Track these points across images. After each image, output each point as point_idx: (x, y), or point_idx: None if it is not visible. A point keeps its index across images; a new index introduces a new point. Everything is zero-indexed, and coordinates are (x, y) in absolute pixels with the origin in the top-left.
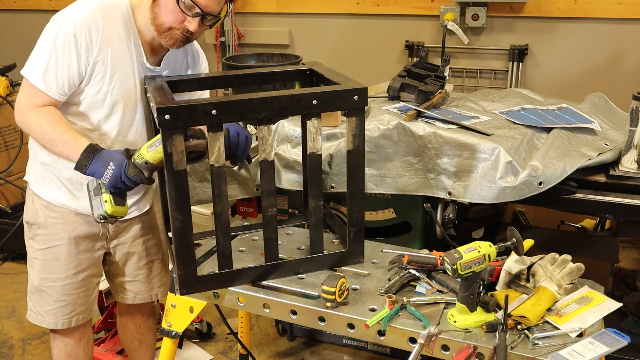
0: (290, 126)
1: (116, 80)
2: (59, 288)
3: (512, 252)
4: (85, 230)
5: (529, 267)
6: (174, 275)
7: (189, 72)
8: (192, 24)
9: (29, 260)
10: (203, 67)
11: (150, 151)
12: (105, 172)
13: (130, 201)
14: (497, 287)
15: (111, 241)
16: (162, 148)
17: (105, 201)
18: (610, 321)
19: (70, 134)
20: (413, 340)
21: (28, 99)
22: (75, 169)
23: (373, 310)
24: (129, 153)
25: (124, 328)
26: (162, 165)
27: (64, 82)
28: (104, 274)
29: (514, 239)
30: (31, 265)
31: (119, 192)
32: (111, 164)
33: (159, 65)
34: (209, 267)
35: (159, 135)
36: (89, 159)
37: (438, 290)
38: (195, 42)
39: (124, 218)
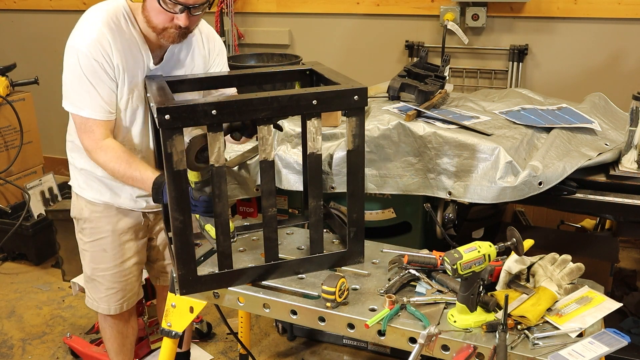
0: (290, 126)
1: (133, 87)
2: (109, 277)
3: (512, 252)
4: (128, 222)
5: (529, 267)
6: (174, 275)
7: (205, 60)
8: (181, 20)
9: (80, 252)
10: (217, 48)
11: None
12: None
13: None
14: (497, 287)
15: (153, 228)
16: (193, 175)
17: (209, 231)
18: (610, 321)
19: (135, 168)
20: (413, 340)
21: (88, 135)
22: (154, 201)
23: (373, 310)
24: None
25: (160, 310)
26: (207, 176)
27: (108, 103)
28: None
29: (514, 239)
30: (83, 257)
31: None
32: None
33: (162, 59)
34: (209, 267)
35: None
36: (160, 194)
37: (438, 290)
38: (203, 28)
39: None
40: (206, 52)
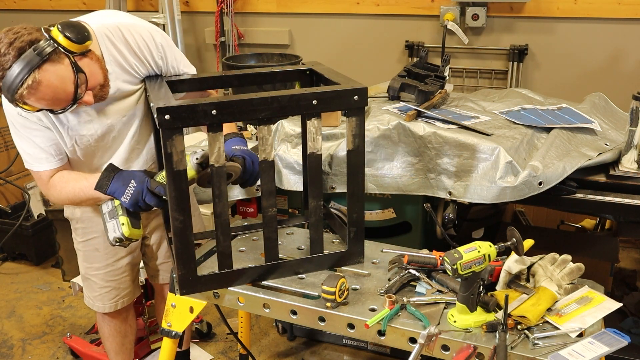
0: (290, 126)
1: (80, 130)
2: (101, 276)
3: (512, 252)
4: None
5: (529, 267)
6: (174, 275)
7: (148, 68)
8: (87, 99)
9: (76, 250)
10: (153, 44)
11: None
12: (127, 190)
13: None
14: (497, 287)
15: (147, 227)
16: (192, 171)
17: (123, 224)
18: (610, 321)
19: (82, 178)
20: (413, 340)
21: (40, 183)
22: (96, 188)
23: (373, 310)
24: (149, 174)
25: (159, 310)
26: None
27: (52, 150)
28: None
29: (514, 239)
30: (78, 256)
31: (135, 215)
32: (132, 181)
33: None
34: (209, 267)
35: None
36: (110, 178)
37: (438, 290)
38: (132, 39)
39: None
40: (145, 63)
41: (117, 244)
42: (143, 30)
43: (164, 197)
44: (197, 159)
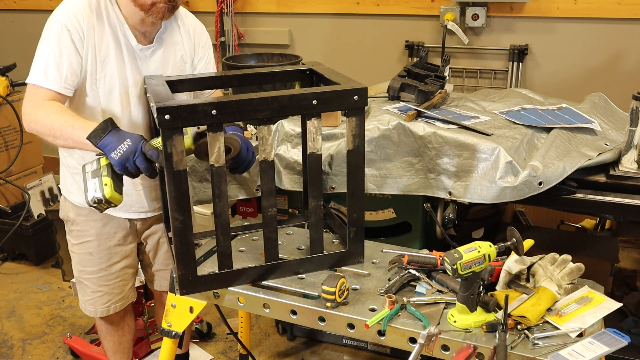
0: (290, 126)
1: (107, 67)
2: (94, 280)
3: (512, 252)
4: (113, 227)
5: (529, 267)
6: (174, 275)
7: (186, 47)
8: None
9: (70, 253)
10: (203, 40)
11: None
12: (119, 147)
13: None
14: (497, 287)
15: (142, 233)
16: (190, 140)
17: (106, 184)
18: (610, 321)
19: (79, 118)
20: (413, 340)
21: (31, 99)
22: (88, 137)
23: (373, 310)
24: (145, 139)
25: (158, 315)
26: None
27: (67, 74)
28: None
29: (514, 239)
30: (72, 259)
31: (119, 178)
32: (128, 140)
33: (151, 43)
34: (209, 267)
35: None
36: (105, 131)
37: (438, 290)
38: (187, 17)
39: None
40: (192, 41)
41: (95, 204)
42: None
43: (155, 163)
44: (198, 128)
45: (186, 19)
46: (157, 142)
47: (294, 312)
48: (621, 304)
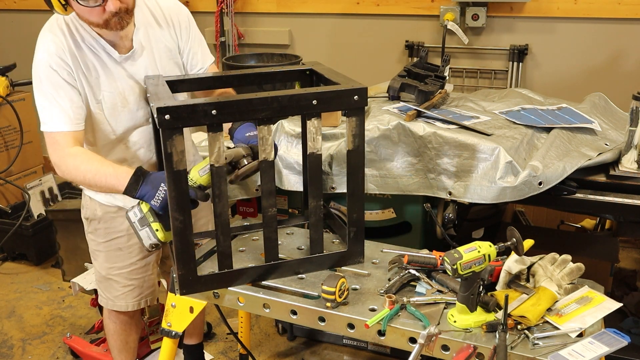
0: (290, 126)
1: (102, 87)
2: (125, 274)
3: (512, 252)
4: None
5: (529, 267)
6: (174, 275)
7: (166, 35)
8: (110, 5)
9: (91, 252)
10: (183, 20)
11: (203, 175)
12: (157, 194)
13: None
14: (497, 287)
15: None
16: (207, 177)
17: (157, 230)
18: (610, 321)
19: (109, 164)
20: (413, 340)
21: (54, 147)
22: (125, 193)
23: (373, 310)
24: None
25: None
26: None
27: (72, 111)
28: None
29: (514, 239)
30: (95, 258)
31: (165, 217)
32: (162, 185)
33: (132, 48)
34: (209, 267)
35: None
36: (139, 182)
37: (438, 290)
38: (157, 3)
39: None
40: (171, 26)
41: (153, 249)
42: (185, 14)
43: (195, 198)
44: (225, 158)
45: (157, 6)
46: (190, 178)
47: (294, 312)
48: (621, 304)
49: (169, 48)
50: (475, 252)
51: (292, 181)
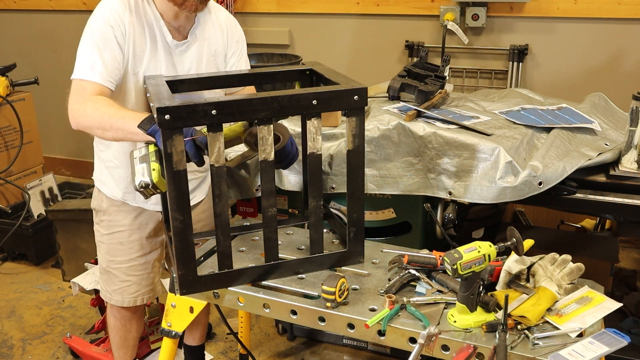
0: (290, 126)
1: (143, 64)
2: (124, 269)
3: (512, 252)
4: (145, 219)
5: (529, 267)
6: (174, 275)
7: (219, 41)
8: None
9: (97, 243)
10: (237, 35)
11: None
12: None
13: (191, 186)
14: (497, 287)
15: None
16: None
17: (154, 169)
18: (610, 321)
19: (128, 110)
20: (413, 340)
21: (79, 94)
22: (138, 126)
23: (373, 310)
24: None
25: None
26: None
27: (112, 68)
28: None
29: (514, 239)
30: (99, 249)
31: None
32: None
33: (186, 39)
34: (209, 267)
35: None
36: (152, 120)
37: (438, 290)
38: (219, 11)
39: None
40: (225, 35)
41: (142, 189)
42: (240, 30)
43: (204, 149)
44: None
45: (219, 13)
46: (205, 129)
47: (294, 312)
48: (621, 304)
49: (217, 53)
50: (475, 252)
51: (292, 181)
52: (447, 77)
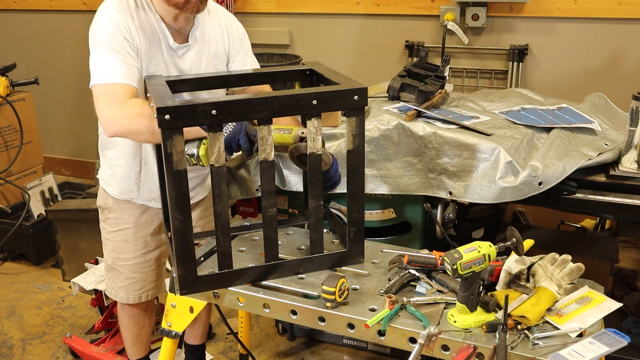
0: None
1: (150, 66)
2: (129, 267)
3: (512, 252)
4: (150, 216)
5: (529, 267)
6: (174, 275)
7: (219, 42)
8: None
9: (102, 241)
10: (239, 33)
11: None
12: (225, 127)
13: (192, 184)
14: (497, 287)
15: None
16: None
17: (204, 144)
18: (610, 321)
19: None
20: (413, 340)
21: (112, 101)
22: None
23: (373, 310)
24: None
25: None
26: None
27: (132, 69)
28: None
29: (514, 239)
30: (104, 246)
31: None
32: (232, 124)
33: (187, 42)
34: (209, 267)
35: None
36: None
37: (438, 290)
38: (218, 11)
39: None
40: (226, 35)
41: (187, 156)
42: (241, 27)
43: (255, 143)
44: (302, 132)
45: (218, 13)
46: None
47: (294, 312)
48: (621, 304)
49: (217, 53)
50: (475, 252)
51: (292, 181)
52: (447, 77)
